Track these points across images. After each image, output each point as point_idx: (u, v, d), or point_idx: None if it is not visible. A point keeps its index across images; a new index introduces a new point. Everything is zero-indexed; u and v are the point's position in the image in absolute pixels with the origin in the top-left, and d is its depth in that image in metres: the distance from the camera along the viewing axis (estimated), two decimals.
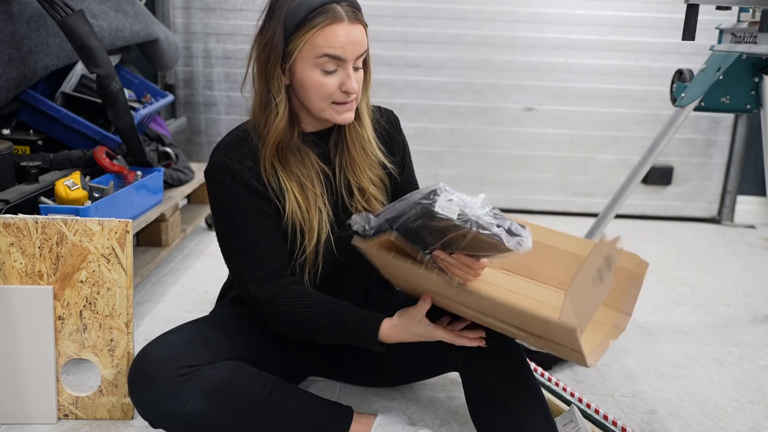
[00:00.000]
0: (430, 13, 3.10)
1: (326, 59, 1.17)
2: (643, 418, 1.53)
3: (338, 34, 1.16)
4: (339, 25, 1.16)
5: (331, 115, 1.23)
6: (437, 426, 1.46)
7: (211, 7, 3.10)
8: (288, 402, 1.23)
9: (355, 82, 1.21)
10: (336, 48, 1.17)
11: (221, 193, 1.24)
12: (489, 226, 1.02)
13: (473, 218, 1.02)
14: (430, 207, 1.03)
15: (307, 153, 1.28)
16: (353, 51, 1.19)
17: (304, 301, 1.24)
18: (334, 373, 1.55)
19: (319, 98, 1.21)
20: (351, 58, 1.19)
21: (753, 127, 3.14)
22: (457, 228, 1.04)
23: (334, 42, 1.16)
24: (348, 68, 1.20)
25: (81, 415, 1.43)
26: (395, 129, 1.41)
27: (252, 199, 1.23)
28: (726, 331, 2.03)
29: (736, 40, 1.86)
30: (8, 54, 1.82)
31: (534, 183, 3.28)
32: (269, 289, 1.23)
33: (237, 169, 1.22)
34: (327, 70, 1.19)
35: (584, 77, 3.16)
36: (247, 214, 1.23)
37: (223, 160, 1.23)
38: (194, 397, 1.16)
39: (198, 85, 3.20)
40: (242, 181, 1.23)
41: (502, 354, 1.24)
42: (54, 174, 1.85)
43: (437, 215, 1.03)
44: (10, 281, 1.35)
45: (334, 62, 1.18)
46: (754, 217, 3.29)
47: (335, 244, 1.30)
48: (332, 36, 1.16)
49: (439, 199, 1.03)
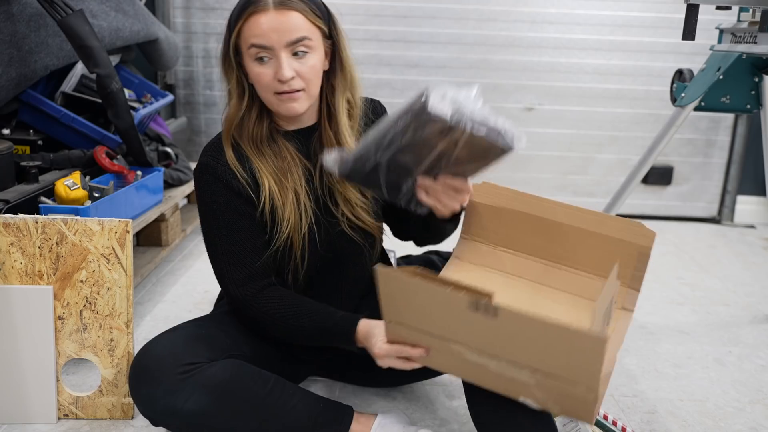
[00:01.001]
0: (430, 13, 3.10)
1: (255, 49, 1.19)
2: (643, 418, 1.53)
3: (260, 22, 1.17)
4: (262, 14, 1.17)
5: (278, 107, 1.24)
6: (437, 426, 1.46)
7: (211, 6, 3.10)
8: (288, 400, 1.24)
9: (289, 69, 1.18)
10: (259, 36, 1.17)
11: (205, 194, 1.26)
12: (485, 121, 0.96)
13: (467, 114, 0.96)
14: (424, 107, 0.95)
15: (285, 146, 1.29)
16: (279, 38, 1.17)
17: (284, 302, 1.25)
18: (334, 373, 1.55)
19: (263, 90, 1.22)
20: (278, 45, 1.18)
21: (753, 127, 3.14)
22: (450, 131, 0.98)
23: (257, 30, 1.17)
24: (279, 55, 1.18)
25: (81, 414, 1.43)
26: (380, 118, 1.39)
27: (234, 200, 1.25)
28: (726, 331, 2.03)
29: (736, 39, 1.87)
30: (8, 54, 1.82)
31: (534, 183, 3.28)
32: (249, 290, 1.25)
33: (220, 170, 1.25)
34: (258, 58, 1.19)
35: (584, 77, 3.16)
36: (229, 214, 1.25)
37: (207, 161, 1.27)
38: (195, 395, 1.16)
39: (198, 85, 3.19)
40: (225, 182, 1.24)
41: None
42: (54, 174, 1.85)
43: (431, 116, 0.96)
44: (10, 281, 1.35)
45: (264, 51, 1.18)
46: (754, 217, 3.29)
47: (318, 237, 1.30)
48: (255, 25, 1.17)
49: (431, 97, 0.95)
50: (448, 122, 0.96)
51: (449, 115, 0.95)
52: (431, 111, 0.95)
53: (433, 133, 1.00)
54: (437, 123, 0.97)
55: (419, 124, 0.99)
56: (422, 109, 0.96)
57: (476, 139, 0.99)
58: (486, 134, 0.98)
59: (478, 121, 0.97)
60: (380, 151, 1.07)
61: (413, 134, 1.01)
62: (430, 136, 1.01)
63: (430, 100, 0.95)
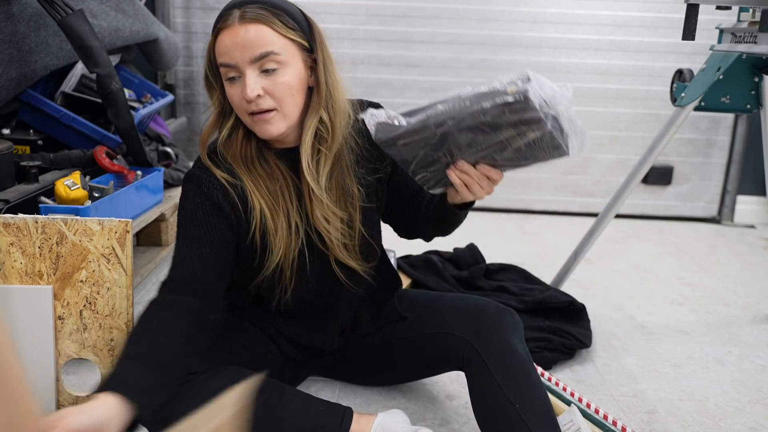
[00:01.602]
0: (430, 13, 3.10)
1: (224, 69, 1.14)
2: (643, 418, 1.53)
3: (224, 40, 1.12)
4: (227, 30, 1.11)
5: (253, 127, 1.18)
6: (437, 426, 1.46)
7: (211, 6, 3.10)
8: (288, 404, 1.23)
9: (254, 87, 1.11)
10: (223, 55, 1.12)
11: (184, 200, 1.23)
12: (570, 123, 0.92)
13: (556, 111, 0.91)
14: (524, 94, 0.89)
15: (276, 165, 1.23)
16: (242, 55, 1.11)
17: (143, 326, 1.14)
18: (334, 373, 1.55)
19: (238, 111, 1.17)
20: (242, 62, 1.11)
21: (753, 127, 3.14)
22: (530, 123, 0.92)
23: (221, 48, 1.12)
24: (245, 73, 1.12)
25: None
26: None
27: (208, 214, 1.20)
28: (726, 331, 2.03)
29: (736, 39, 1.86)
30: (8, 54, 1.82)
31: (534, 183, 3.28)
32: (161, 296, 1.18)
33: (204, 181, 1.21)
34: (228, 78, 1.14)
35: (584, 77, 3.16)
36: (195, 226, 1.20)
37: (194, 171, 1.23)
38: (193, 405, 1.15)
39: (198, 85, 3.19)
40: (206, 192, 1.20)
41: (507, 352, 1.24)
42: (54, 174, 1.85)
43: (528, 105, 0.90)
44: (10, 281, 1.35)
45: (231, 69, 1.13)
46: (754, 217, 3.29)
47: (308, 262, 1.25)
48: (220, 43, 1.12)
49: (532, 84, 0.90)
50: (539, 114, 0.92)
51: (542, 108, 0.91)
52: (531, 99, 0.90)
53: (512, 120, 0.95)
54: (527, 112, 0.92)
55: (509, 108, 0.93)
56: (521, 95, 0.91)
57: (548, 137, 0.96)
58: (561, 136, 0.94)
59: (563, 121, 0.93)
60: (443, 126, 1.01)
61: (494, 117, 0.95)
62: (507, 123, 0.96)
63: (530, 89, 0.91)
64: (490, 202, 3.29)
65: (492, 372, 1.21)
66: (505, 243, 2.79)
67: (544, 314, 1.91)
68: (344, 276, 1.29)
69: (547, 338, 1.76)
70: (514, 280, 2.16)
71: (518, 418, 1.17)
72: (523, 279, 2.19)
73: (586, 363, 1.78)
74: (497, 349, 1.23)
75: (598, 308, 2.13)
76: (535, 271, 2.28)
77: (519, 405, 1.17)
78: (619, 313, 2.12)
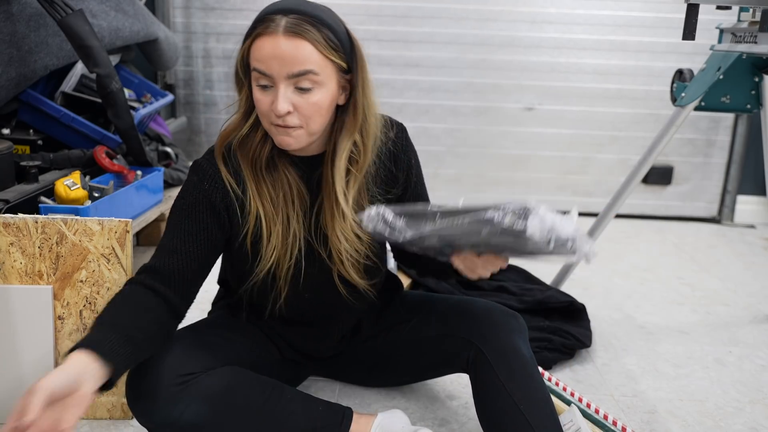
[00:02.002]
0: (430, 13, 3.10)
1: (257, 74, 1.11)
2: (643, 418, 1.53)
3: (263, 47, 1.07)
4: (269, 38, 1.07)
5: (274, 136, 1.16)
6: (437, 426, 1.46)
7: (211, 6, 3.10)
8: (287, 405, 1.23)
9: (285, 104, 1.08)
10: (260, 62, 1.09)
11: (184, 191, 1.23)
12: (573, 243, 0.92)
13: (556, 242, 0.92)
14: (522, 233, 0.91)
15: (286, 173, 1.21)
16: (280, 68, 1.07)
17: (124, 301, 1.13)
18: (334, 373, 1.55)
19: (260, 115, 1.15)
20: (278, 75, 1.08)
21: (753, 127, 3.14)
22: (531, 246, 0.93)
23: (259, 55, 1.08)
24: (278, 86, 1.09)
25: None
26: (401, 147, 1.29)
27: (202, 212, 1.20)
28: (726, 331, 2.03)
29: (737, 39, 1.86)
30: (8, 53, 1.82)
31: (534, 183, 3.28)
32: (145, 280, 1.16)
33: (208, 175, 1.20)
34: (260, 84, 1.11)
35: (584, 77, 3.16)
36: (189, 221, 1.19)
37: (201, 162, 1.22)
38: (193, 405, 1.15)
39: (198, 85, 3.19)
40: (206, 187, 1.20)
41: (512, 354, 1.24)
42: (54, 174, 1.85)
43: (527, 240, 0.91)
44: (10, 281, 1.35)
45: (265, 78, 1.09)
46: (754, 217, 3.29)
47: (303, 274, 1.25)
48: (258, 48, 1.08)
49: (530, 221, 0.91)
50: (538, 245, 0.92)
51: (543, 241, 0.92)
52: (530, 237, 0.91)
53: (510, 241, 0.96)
54: (529, 242, 0.93)
55: (510, 235, 0.95)
56: (520, 231, 0.92)
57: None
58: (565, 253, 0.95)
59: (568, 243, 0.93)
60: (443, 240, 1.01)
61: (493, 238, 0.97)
62: (506, 242, 0.97)
63: (529, 226, 0.91)
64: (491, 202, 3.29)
65: (497, 374, 1.21)
66: None
67: (544, 314, 1.91)
68: (346, 292, 1.28)
69: (547, 338, 1.76)
70: (514, 280, 2.16)
71: (523, 419, 1.17)
72: (523, 279, 2.19)
73: (586, 363, 1.78)
74: (503, 351, 1.23)
75: (598, 308, 2.13)
76: (535, 271, 2.28)
77: (524, 407, 1.17)
78: (619, 313, 2.12)
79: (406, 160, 1.30)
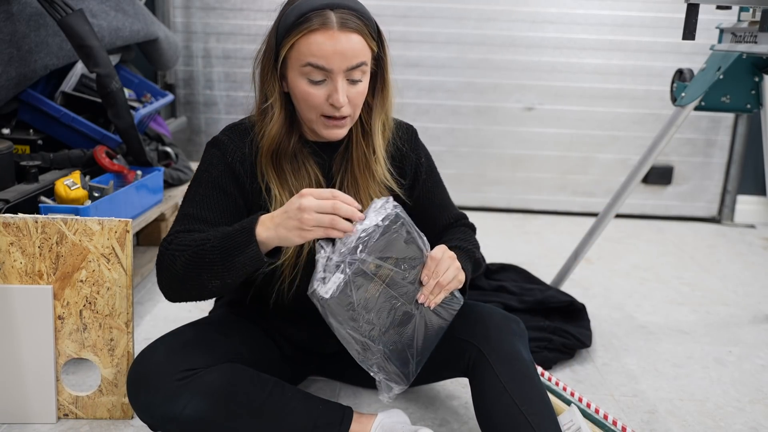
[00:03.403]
0: (430, 13, 3.10)
1: (310, 68, 1.12)
2: (643, 418, 1.53)
3: (322, 42, 1.10)
4: (325, 33, 1.10)
5: (319, 128, 1.19)
6: (437, 426, 1.46)
7: (211, 6, 3.10)
8: (287, 403, 1.23)
9: (344, 96, 1.14)
10: (319, 57, 1.11)
11: (204, 162, 1.25)
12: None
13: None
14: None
15: (304, 162, 1.24)
16: (341, 62, 1.11)
17: (198, 234, 1.16)
18: (334, 373, 1.55)
19: (307, 108, 1.17)
20: (338, 69, 1.12)
21: (753, 127, 3.14)
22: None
23: (317, 51, 1.11)
24: (336, 80, 1.13)
25: (81, 414, 1.43)
26: (409, 146, 1.36)
27: (227, 179, 1.23)
28: (726, 330, 2.03)
29: (737, 39, 1.86)
30: (8, 53, 1.82)
31: (534, 183, 3.28)
32: (175, 235, 1.18)
33: (230, 149, 1.23)
34: (313, 79, 1.14)
35: (584, 77, 3.16)
36: (212, 187, 1.22)
37: (221, 138, 1.25)
38: (193, 401, 1.16)
39: (198, 85, 3.19)
40: (229, 161, 1.23)
41: (514, 358, 1.24)
42: (54, 173, 1.85)
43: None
44: (10, 281, 1.35)
45: (320, 72, 1.13)
46: (754, 217, 3.29)
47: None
48: (315, 44, 1.10)
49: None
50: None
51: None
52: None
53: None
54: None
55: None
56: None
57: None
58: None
59: None
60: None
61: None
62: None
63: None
64: (491, 202, 3.29)
65: (499, 376, 1.22)
66: (505, 243, 2.79)
67: (544, 314, 1.91)
68: None
69: (547, 338, 1.76)
70: (514, 280, 2.16)
71: (525, 421, 1.17)
72: (523, 279, 2.19)
73: (586, 363, 1.78)
74: (505, 354, 1.23)
75: (598, 308, 2.13)
76: (535, 271, 2.28)
77: (525, 408, 1.18)
78: (619, 313, 2.12)
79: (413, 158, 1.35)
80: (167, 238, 1.19)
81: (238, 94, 3.20)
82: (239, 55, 3.15)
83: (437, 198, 1.40)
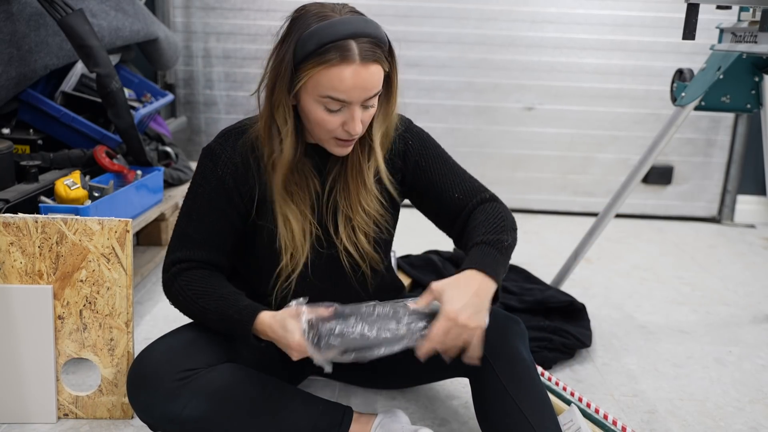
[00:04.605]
0: (430, 13, 3.10)
1: (329, 100, 1.12)
2: (643, 418, 1.53)
3: (345, 77, 1.09)
4: (348, 67, 1.08)
5: (330, 146, 1.20)
6: (437, 426, 1.46)
7: (211, 6, 3.10)
8: (287, 403, 1.23)
9: (359, 123, 1.14)
10: (340, 92, 1.10)
11: (198, 174, 1.27)
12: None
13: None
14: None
15: (305, 166, 1.24)
16: (360, 95, 1.12)
17: (201, 282, 1.23)
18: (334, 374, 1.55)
19: (321, 131, 1.17)
20: (357, 101, 1.12)
21: (753, 127, 3.14)
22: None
23: (339, 85, 1.10)
24: (354, 110, 1.13)
25: (81, 414, 1.43)
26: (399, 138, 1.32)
27: (219, 197, 1.24)
28: (726, 330, 2.03)
29: (737, 39, 1.86)
30: (8, 53, 1.82)
31: (534, 182, 3.28)
32: (180, 267, 1.24)
33: (222, 161, 1.24)
34: (330, 108, 1.13)
35: (584, 77, 3.16)
36: (206, 205, 1.25)
37: (214, 147, 1.26)
38: (193, 401, 1.16)
39: (198, 85, 3.19)
40: (220, 174, 1.24)
41: (514, 358, 1.24)
42: (54, 173, 1.85)
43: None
44: (10, 281, 1.35)
45: (338, 103, 1.12)
46: (754, 217, 3.29)
47: (311, 264, 1.28)
48: (338, 79, 1.09)
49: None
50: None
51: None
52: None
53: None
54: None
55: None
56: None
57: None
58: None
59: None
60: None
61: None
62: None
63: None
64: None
65: (499, 376, 1.21)
66: None
67: (544, 314, 1.91)
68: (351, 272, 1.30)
69: (547, 338, 1.76)
70: (514, 280, 2.16)
71: (525, 421, 1.17)
72: (523, 279, 2.19)
73: (586, 363, 1.78)
74: (505, 355, 1.23)
75: (598, 308, 2.13)
76: (535, 271, 2.28)
77: (525, 409, 1.18)
78: (619, 313, 2.12)
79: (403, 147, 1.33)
80: (170, 268, 1.25)
81: (238, 93, 3.20)
82: (239, 55, 3.15)
83: (436, 175, 1.34)
